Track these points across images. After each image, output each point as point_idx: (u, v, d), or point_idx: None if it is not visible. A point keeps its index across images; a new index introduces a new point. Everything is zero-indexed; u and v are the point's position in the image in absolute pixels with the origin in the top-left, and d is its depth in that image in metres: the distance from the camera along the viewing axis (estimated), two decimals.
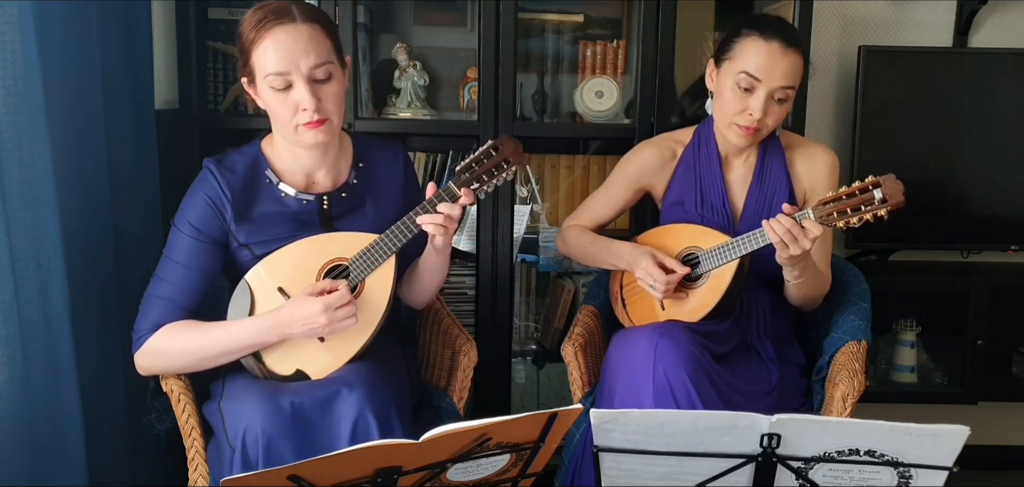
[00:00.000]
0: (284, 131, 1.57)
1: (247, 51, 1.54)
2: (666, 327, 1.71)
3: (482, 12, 2.16)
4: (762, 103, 1.71)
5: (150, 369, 1.60)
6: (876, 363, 2.63)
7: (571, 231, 1.99)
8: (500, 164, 1.61)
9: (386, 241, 1.59)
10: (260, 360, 1.60)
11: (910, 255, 2.60)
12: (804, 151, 1.87)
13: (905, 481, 1.29)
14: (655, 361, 1.64)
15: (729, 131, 1.78)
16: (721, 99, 1.79)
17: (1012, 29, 2.59)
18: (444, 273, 1.74)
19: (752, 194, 1.85)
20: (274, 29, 1.51)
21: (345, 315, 1.52)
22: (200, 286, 1.60)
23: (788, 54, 1.70)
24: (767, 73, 1.70)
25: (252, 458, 1.45)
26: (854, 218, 1.60)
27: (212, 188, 1.59)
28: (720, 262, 1.74)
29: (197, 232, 1.58)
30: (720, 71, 1.79)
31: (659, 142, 1.94)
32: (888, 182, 1.58)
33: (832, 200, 1.62)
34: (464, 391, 1.81)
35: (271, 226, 1.61)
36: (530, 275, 2.56)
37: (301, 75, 1.51)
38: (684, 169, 1.89)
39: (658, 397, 1.62)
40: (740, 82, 1.72)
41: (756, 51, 1.71)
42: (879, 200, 1.58)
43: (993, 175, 2.49)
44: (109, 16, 1.80)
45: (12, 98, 1.49)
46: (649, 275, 1.77)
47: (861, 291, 1.90)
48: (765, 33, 1.72)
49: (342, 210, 1.66)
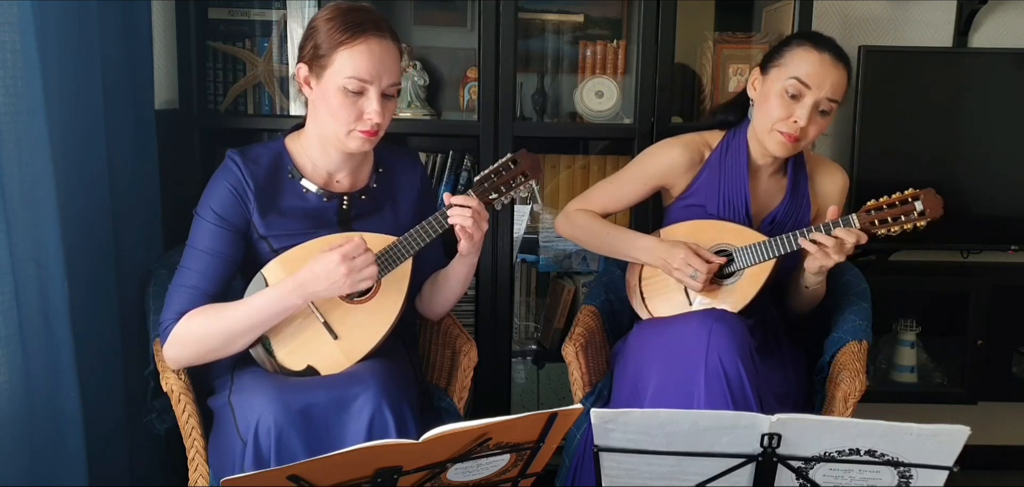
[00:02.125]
0: (335, 130, 1.57)
1: (329, 48, 1.54)
2: (719, 313, 1.70)
3: (482, 12, 2.16)
4: (808, 111, 1.72)
5: (178, 359, 1.59)
6: (876, 363, 2.63)
7: (580, 215, 1.94)
8: (518, 177, 1.63)
9: (405, 243, 1.60)
10: (271, 353, 1.60)
11: (910, 255, 2.59)
12: (823, 169, 1.90)
13: (905, 481, 1.29)
14: (709, 345, 1.62)
15: (769, 137, 1.77)
16: (765, 105, 1.78)
17: (1012, 29, 2.59)
18: (467, 283, 1.75)
19: (784, 206, 1.85)
20: (371, 38, 1.54)
21: (364, 263, 1.52)
22: (224, 273, 1.60)
23: (838, 67, 1.73)
24: (818, 81, 1.72)
25: (264, 451, 1.45)
26: (895, 227, 1.68)
27: (235, 177, 1.60)
28: (755, 260, 1.75)
29: (220, 219, 1.59)
30: (767, 77, 1.79)
31: (689, 142, 1.90)
32: (928, 196, 1.67)
33: (873, 208, 1.68)
34: (464, 391, 1.81)
35: (291, 220, 1.62)
36: (530, 275, 2.56)
37: (378, 88, 1.55)
38: (709, 173, 1.87)
39: (710, 383, 1.60)
40: (789, 88, 1.73)
41: (808, 59, 1.73)
42: (919, 212, 1.67)
43: (993, 175, 2.49)
44: (109, 16, 1.79)
45: (12, 98, 1.49)
46: (690, 264, 1.75)
47: (861, 291, 1.90)
48: (818, 45, 1.75)
49: (360, 211, 1.68)
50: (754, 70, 1.85)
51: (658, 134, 2.20)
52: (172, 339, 1.57)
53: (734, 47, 2.41)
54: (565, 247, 2.50)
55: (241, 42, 2.31)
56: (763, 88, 1.80)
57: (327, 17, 1.57)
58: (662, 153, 1.90)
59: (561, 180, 2.42)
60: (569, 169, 2.44)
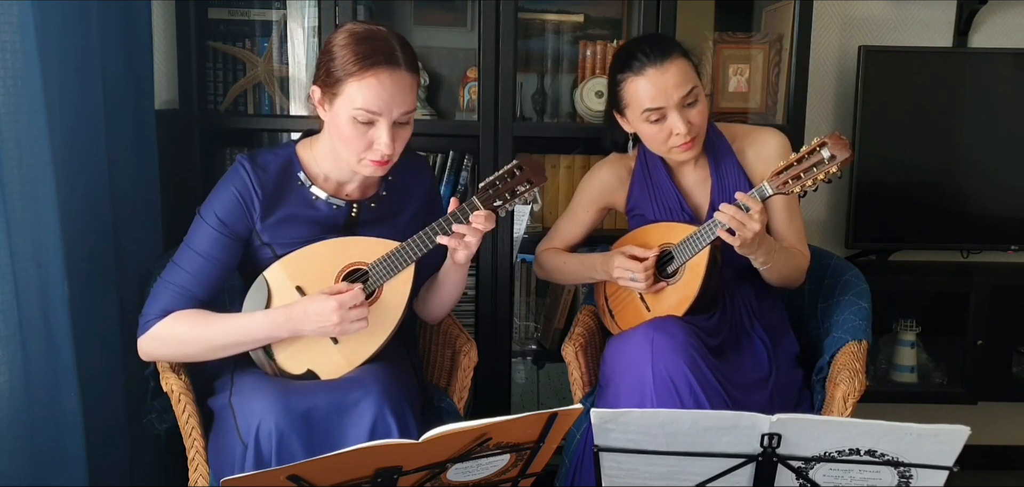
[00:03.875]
0: (348, 157, 1.57)
1: (341, 76, 1.52)
2: (659, 322, 1.72)
3: (482, 12, 2.16)
4: (679, 118, 1.73)
5: (153, 355, 1.60)
6: (876, 363, 2.63)
7: (545, 255, 2.02)
8: (523, 183, 1.63)
9: (407, 250, 1.60)
10: (271, 357, 1.60)
11: (910, 255, 2.59)
12: (751, 139, 1.89)
13: (905, 481, 1.29)
14: (653, 357, 1.65)
15: (672, 155, 1.82)
16: (645, 138, 1.82)
17: (1012, 29, 2.58)
18: (462, 288, 1.75)
19: (714, 194, 1.86)
20: (381, 71, 1.51)
21: (357, 317, 1.52)
22: (216, 278, 1.60)
23: (667, 67, 1.73)
24: (664, 97, 1.73)
25: (265, 454, 1.45)
26: (808, 181, 1.63)
27: (243, 184, 1.60)
28: (691, 252, 1.75)
29: (222, 225, 1.59)
30: (627, 119, 1.83)
31: (612, 161, 1.98)
32: (832, 139, 1.62)
33: (784, 168, 1.65)
34: (464, 391, 1.81)
35: (297, 228, 1.62)
36: (530, 275, 2.55)
37: (389, 119, 1.53)
38: (638, 185, 1.93)
39: (660, 391, 1.63)
40: (649, 118, 1.75)
41: (640, 87, 1.75)
42: (828, 158, 1.62)
43: (993, 175, 2.49)
44: (109, 16, 1.79)
45: (12, 98, 1.49)
46: (626, 269, 1.78)
47: (861, 291, 1.89)
48: (634, 68, 1.75)
49: (368, 219, 1.68)
50: (615, 114, 1.85)
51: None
52: (151, 335, 1.57)
53: (734, 47, 2.41)
54: None
55: (241, 42, 2.31)
56: (632, 126, 1.82)
57: (342, 42, 1.54)
58: (592, 178, 2.00)
59: (561, 180, 2.42)
60: (569, 169, 2.44)
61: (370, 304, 1.59)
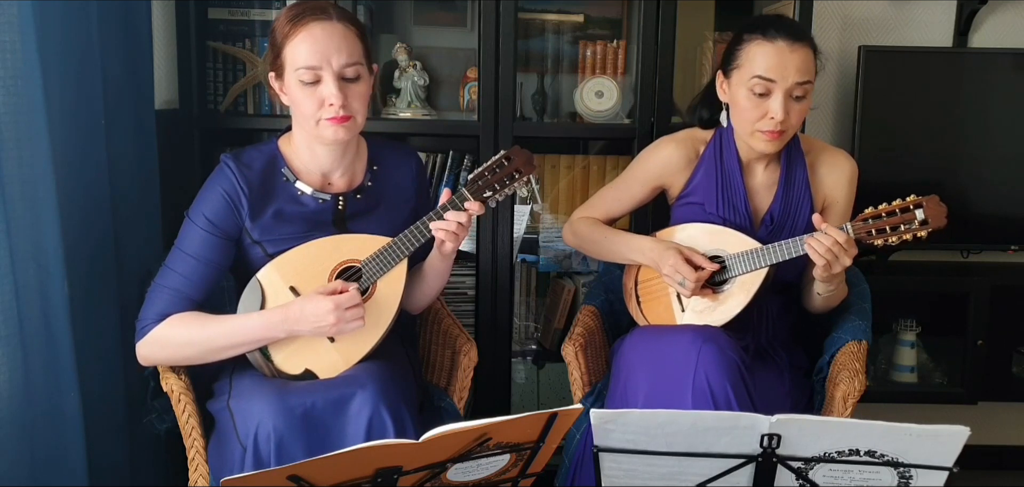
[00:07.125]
0: (307, 125, 1.59)
1: (280, 44, 1.57)
2: (710, 332, 1.67)
3: (482, 12, 2.16)
4: (781, 104, 1.67)
5: (152, 359, 1.60)
6: (876, 363, 2.63)
7: (583, 223, 1.94)
8: (512, 174, 1.63)
9: (399, 245, 1.60)
10: (268, 358, 1.60)
11: (910, 255, 2.59)
12: (825, 157, 1.84)
13: (905, 481, 1.29)
14: (697, 365, 1.60)
15: (754, 139, 1.74)
16: (738, 109, 1.75)
17: (1012, 29, 2.59)
18: (446, 278, 1.75)
19: (778, 201, 1.81)
20: (310, 24, 1.54)
21: (353, 317, 1.53)
22: (209, 279, 1.61)
23: (796, 49, 1.67)
24: (780, 72, 1.66)
25: (264, 456, 1.45)
26: (893, 237, 1.56)
27: (229, 183, 1.60)
28: (749, 268, 1.71)
29: (211, 225, 1.59)
30: (731, 82, 1.76)
31: (682, 139, 1.88)
32: (931, 203, 1.54)
33: (871, 216, 1.59)
34: (464, 391, 1.81)
35: (286, 224, 1.62)
36: (530, 275, 2.55)
37: (332, 71, 1.54)
38: (705, 170, 1.84)
39: (697, 401, 1.58)
40: (754, 88, 1.68)
41: (763, 53, 1.68)
42: (920, 221, 1.54)
43: (993, 175, 2.49)
44: (109, 16, 1.79)
45: (12, 98, 1.49)
46: (678, 272, 1.73)
47: (861, 291, 1.89)
48: (768, 33, 1.69)
49: (356, 211, 1.67)
50: (718, 74, 1.80)
51: (658, 134, 2.19)
52: (150, 339, 1.57)
53: None
54: (565, 247, 2.50)
55: (241, 42, 2.31)
56: (731, 93, 1.77)
57: (279, 17, 1.59)
58: (657, 152, 1.89)
59: (561, 180, 2.42)
60: (569, 169, 2.44)
61: (365, 301, 1.59)
